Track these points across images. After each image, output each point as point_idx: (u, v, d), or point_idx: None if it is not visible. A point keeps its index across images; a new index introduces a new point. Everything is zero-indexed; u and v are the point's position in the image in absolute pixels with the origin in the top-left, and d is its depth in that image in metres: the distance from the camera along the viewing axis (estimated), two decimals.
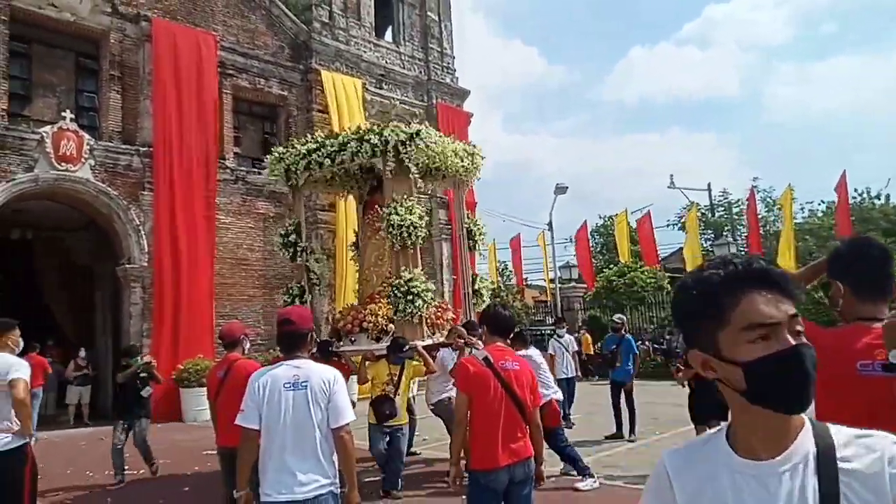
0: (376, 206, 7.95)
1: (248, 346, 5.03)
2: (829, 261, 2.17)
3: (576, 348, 10.87)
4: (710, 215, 30.23)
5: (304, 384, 3.11)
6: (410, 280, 7.02)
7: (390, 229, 7.16)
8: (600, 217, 35.63)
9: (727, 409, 1.09)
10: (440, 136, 7.73)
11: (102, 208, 13.65)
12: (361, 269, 8.51)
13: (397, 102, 19.99)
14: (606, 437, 9.30)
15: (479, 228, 8.68)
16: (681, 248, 34.16)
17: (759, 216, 29.05)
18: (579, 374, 10.68)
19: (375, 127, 7.63)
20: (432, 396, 7.34)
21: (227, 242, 15.24)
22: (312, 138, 7.96)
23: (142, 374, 7.88)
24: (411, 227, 7.09)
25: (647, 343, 19.49)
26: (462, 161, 7.96)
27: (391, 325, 7.25)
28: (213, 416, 4.96)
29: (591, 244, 28.09)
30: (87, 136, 13.32)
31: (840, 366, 1.94)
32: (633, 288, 20.34)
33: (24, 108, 13.58)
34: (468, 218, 8.72)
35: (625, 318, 12.43)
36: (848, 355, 1.96)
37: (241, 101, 16.50)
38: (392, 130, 7.32)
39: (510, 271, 28.40)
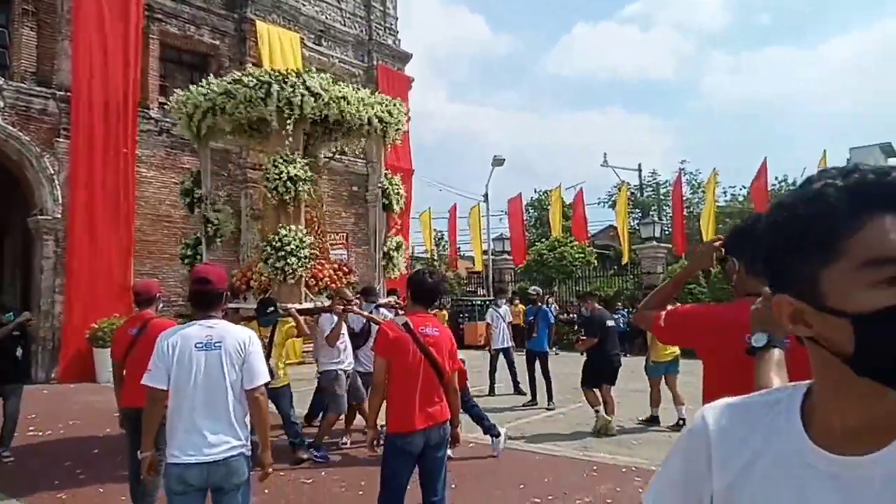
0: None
1: (161, 305, 4.82)
2: (727, 238, 2.21)
3: (510, 319, 11.06)
4: (639, 195, 31.14)
5: (217, 344, 3.05)
6: (284, 236, 6.62)
7: (266, 183, 6.76)
8: (535, 191, 36.10)
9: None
10: (338, 85, 7.20)
11: (12, 154, 12.74)
12: (262, 228, 8.09)
13: (336, 61, 19.44)
14: (523, 405, 9.60)
15: (394, 188, 8.17)
16: (610, 225, 35.33)
17: (685, 198, 30.23)
18: (513, 343, 10.92)
19: (256, 70, 7.09)
20: (319, 366, 7.00)
21: (149, 198, 14.54)
22: (206, 82, 7.29)
23: (15, 333, 6.73)
24: (289, 182, 6.62)
25: (572, 315, 20.08)
26: (374, 112, 7.41)
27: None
28: (116, 376, 4.70)
29: (525, 217, 28.49)
30: None
31: (732, 342, 1.93)
32: (563, 262, 20.79)
33: None
34: (385, 177, 8.20)
35: (540, 290, 12.80)
36: (737, 330, 1.96)
37: (168, 49, 15.63)
38: (273, 75, 6.81)
39: (446, 241, 28.50)
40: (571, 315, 19.82)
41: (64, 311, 12.53)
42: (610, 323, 8.36)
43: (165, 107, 15.37)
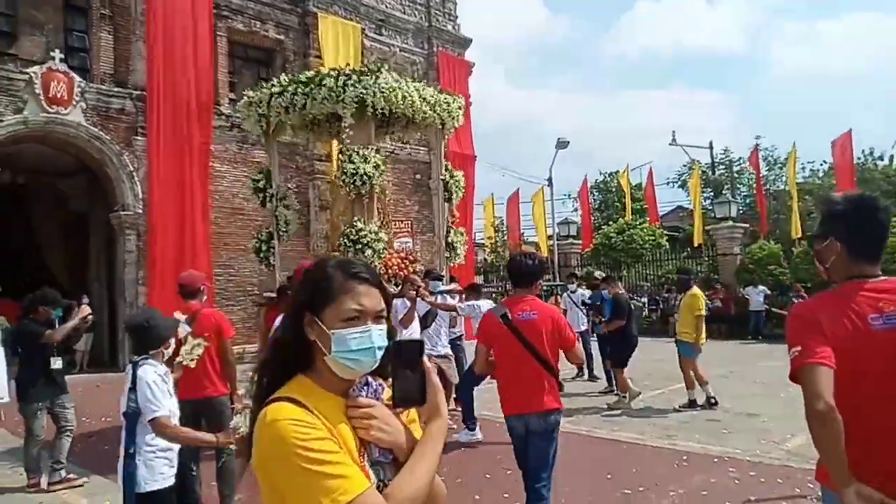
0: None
1: (205, 297, 4.83)
2: (825, 217, 2.10)
3: (587, 303, 10.88)
4: (710, 174, 29.97)
5: None
6: (360, 230, 6.96)
7: (344, 178, 7.08)
8: (600, 173, 35.29)
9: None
10: (404, 82, 7.51)
11: (95, 153, 13.32)
12: (332, 218, 8.44)
13: (397, 50, 19.43)
14: (599, 393, 9.38)
15: (455, 181, 8.52)
16: (679, 206, 34.17)
17: (761, 175, 28.90)
18: (590, 328, 10.79)
19: (332, 71, 7.36)
20: None
21: (223, 191, 14.96)
22: (278, 81, 7.66)
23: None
24: (364, 177, 6.95)
25: (642, 300, 19.53)
26: (434, 109, 7.75)
27: None
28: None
29: (589, 201, 27.92)
30: (77, 77, 12.89)
31: (849, 325, 1.87)
32: (632, 245, 20.22)
33: (11, 46, 13.07)
34: (445, 170, 8.54)
35: (603, 274, 12.51)
36: (855, 313, 1.88)
37: (236, 45, 15.97)
38: (347, 73, 7.09)
39: (506, 227, 28.23)
40: (641, 300, 19.29)
41: (147, 303, 13.03)
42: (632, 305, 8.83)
43: (236, 102, 15.78)
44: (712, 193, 28.99)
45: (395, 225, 18.29)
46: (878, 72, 70.72)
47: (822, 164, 30.88)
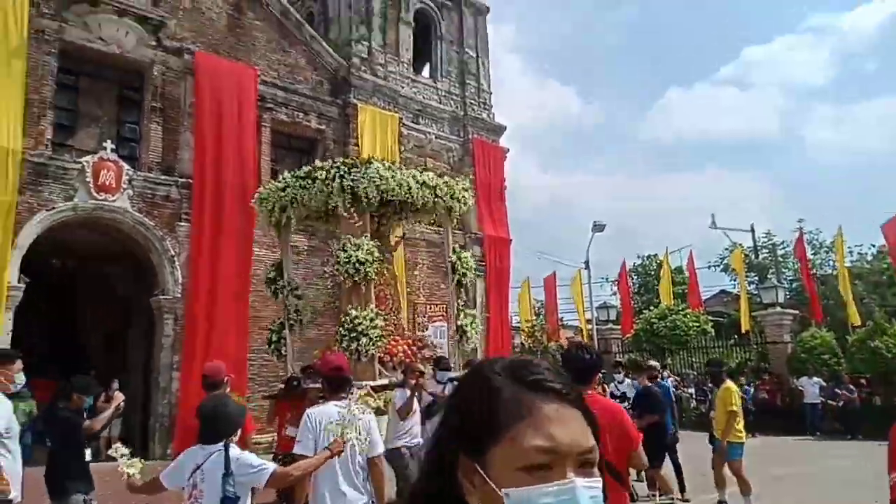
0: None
1: (228, 388, 4.66)
2: None
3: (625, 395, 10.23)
4: (753, 257, 29.26)
5: (349, 421, 3.79)
6: (355, 318, 7.00)
7: (337, 266, 7.20)
8: (638, 256, 34.84)
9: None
10: (397, 169, 7.71)
11: (140, 238, 13.65)
12: (341, 306, 8.42)
13: (433, 137, 19.92)
14: (644, 499, 8.64)
15: (463, 262, 8.47)
16: (721, 291, 33.27)
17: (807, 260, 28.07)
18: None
19: (325, 165, 7.64)
20: (386, 443, 6.71)
21: (261, 276, 15.05)
22: (282, 178, 8.02)
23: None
24: (357, 264, 7.05)
25: (688, 391, 18.59)
26: (436, 193, 7.86)
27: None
28: None
29: (629, 284, 27.40)
30: (126, 165, 13.41)
31: None
32: (675, 331, 19.53)
33: (69, 138, 13.77)
34: (454, 252, 8.53)
35: (657, 363, 11.82)
36: None
37: (279, 135, 16.55)
38: (337, 166, 7.37)
39: (545, 310, 27.77)
40: (687, 391, 18.39)
41: (180, 388, 12.93)
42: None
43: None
44: (756, 278, 28.21)
45: (429, 309, 18.26)
46: None
47: (870, 248, 29.92)
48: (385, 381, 7.22)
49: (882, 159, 77.95)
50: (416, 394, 6.60)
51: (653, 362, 10.47)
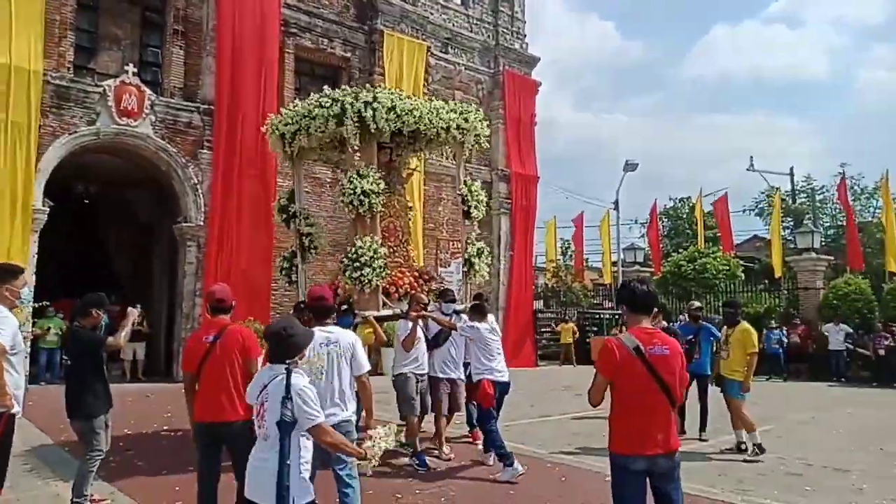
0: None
1: (232, 313, 4.48)
2: None
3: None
4: (791, 202, 28.29)
5: (335, 342, 4.30)
6: (359, 248, 6.95)
7: (343, 197, 7.13)
8: (670, 199, 33.93)
9: None
10: (407, 98, 7.46)
11: (162, 165, 13.59)
12: (349, 239, 8.38)
13: (462, 68, 19.27)
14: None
15: (474, 195, 8.16)
16: (755, 236, 32.41)
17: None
18: None
19: (335, 94, 7.29)
20: (393, 369, 7.04)
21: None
22: (291, 106, 7.78)
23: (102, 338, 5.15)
24: (363, 196, 6.97)
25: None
26: (448, 122, 7.57)
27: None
28: (188, 389, 4.25)
29: (659, 227, 26.82)
30: (148, 91, 13.21)
31: None
32: (704, 275, 19.09)
33: (90, 61, 13.56)
34: (464, 184, 8.21)
35: (701, 305, 11.48)
36: None
37: (303, 62, 16.12)
38: (346, 95, 7.12)
39: (572, 251, 27.43)
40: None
41: (202, 314, 13.09)
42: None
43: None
44: (792, 223, 27.36)
45: (451, 245, 18.08)
46: None
47: None
48: (389, 312, 7.22)
49: None
50: (421, 324, 6.64)
51: (695, 304, 10.16)
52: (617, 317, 17.30)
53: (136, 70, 13.20)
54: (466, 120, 7.78)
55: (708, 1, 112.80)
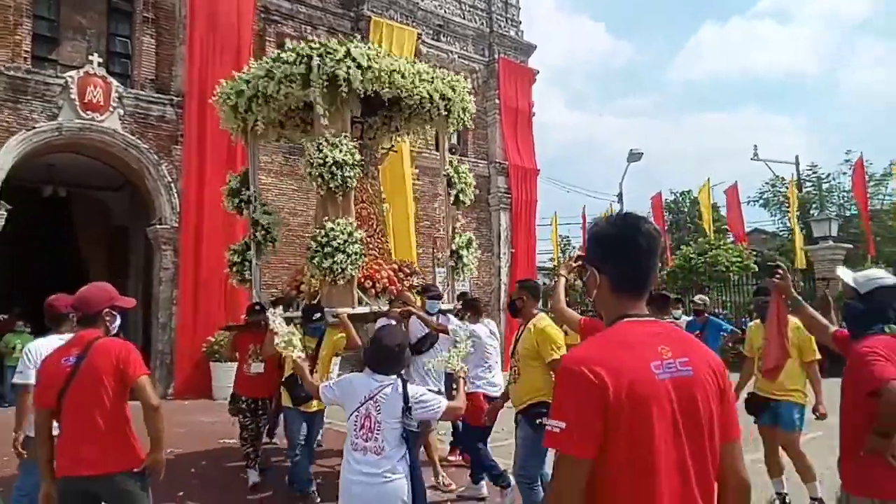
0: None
1: (116, 323, 3.31)
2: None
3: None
4: (797, 191, 27.42)
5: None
6: (330, 230, 5.70)
7: (310, 170, 5.84)
8: (671, 192, 33.01)
9: None
10: (386, 55, 6.23)
11: (133, 163, 12.52)
12: (316, 222, 7.00)
13: (455, 56, 18.24)
14: None
15: (462, 177, 7.10)
16: (755, 230, 31.54)
17: (850, 193, 26.23)
18: None
19: (299, 48, 6.07)
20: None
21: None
22: (247, 67, 6.56)
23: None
24: (334, 168, 5.73)
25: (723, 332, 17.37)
26: (434, 90, 6.47)
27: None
28: (43, 433, 3.09)
29: (665, 218, 25.90)
30: (115, 82, 12.17)
31: None
32: (716, 267, 18.14)
33: (52, 51, 12.48)
34: (450, 165, 7.13)
35: (707, 299, 10.59)
36: None
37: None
38: (313, 49, 5.91)
39: (572, 247, 26.50)
40: (741, 328, 17.15)
41: (178, 324, 12.06)
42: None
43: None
44: (799, 212, 26.50)
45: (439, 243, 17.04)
46: None
47: None
48: (366, 310, 6.06)
49: None
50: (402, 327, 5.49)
51: (699, 298, 9.34)
52: None
53: (101, 60, 12.15)
54: (454, 89, 6.71)
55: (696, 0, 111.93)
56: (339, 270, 5.68)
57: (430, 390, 5.58)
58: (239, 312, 12.17)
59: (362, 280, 6.11)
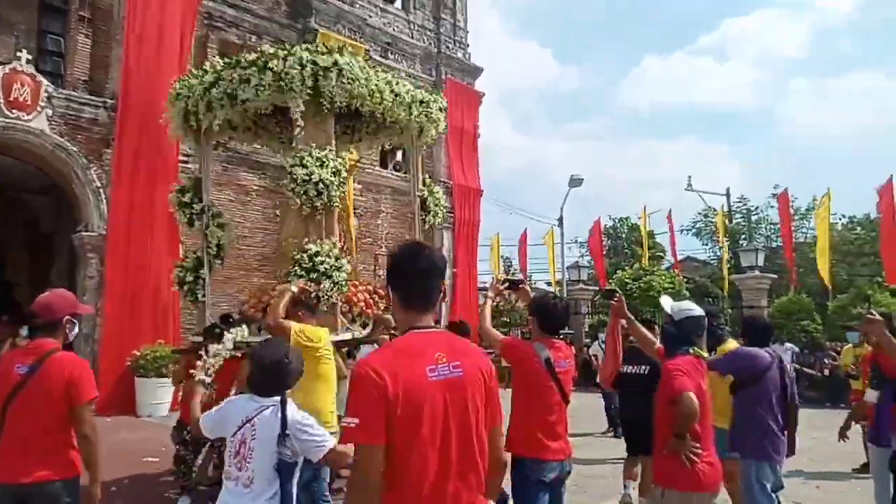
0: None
1: (75, 331, 3.30)
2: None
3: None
4: (727, 222, 28.67)
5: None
6: (315, 254, 5.39)
7: (294, 187, 5.46)
8: (610, 218, 33.93)
9: None
10: (371, 70, 6.02)
11: (60, 166, 11.95)
12: (280, 241, 6.75)
13: (403, 75, 18.26)
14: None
15: (435, 198, 7.02)
16: (687, 258, 32.76)
17: (777, 225, 27.60)
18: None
19: (281, 51, 5.74)
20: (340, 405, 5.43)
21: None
22: (206, 67, 6.14)
23: None
24: (320, 185, 5.40)
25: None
26: (410, 108, 6.38)
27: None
28: None
29: (604, 242, 26.51)
30: (45, 81, 11.62)
31: None
32: (650, 292, 18.68)
33: None
34: (424, 185, 7.04)
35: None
36: None
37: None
38: (302, 52, 5.60)
39: (514, 269, 26.79)
40: None
41: (102, 336, 11.50)
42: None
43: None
44: (728, 242, 27.68)
45: (381, 260, 16.96)
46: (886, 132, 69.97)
47: (840, 218, 29.32)
48: (347, 336, 5.79)
49: (858, 135, 78.13)
50: None
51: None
52: (566, 336, 16.56)
53: (30, 57, 11.59)
54: (429, 112, 6.67)
55: (641, 32, 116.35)
56: (325, 297, 5.39)
57: None
58: (172, 328, 11.78)
59: (341, 303, 5.83)
